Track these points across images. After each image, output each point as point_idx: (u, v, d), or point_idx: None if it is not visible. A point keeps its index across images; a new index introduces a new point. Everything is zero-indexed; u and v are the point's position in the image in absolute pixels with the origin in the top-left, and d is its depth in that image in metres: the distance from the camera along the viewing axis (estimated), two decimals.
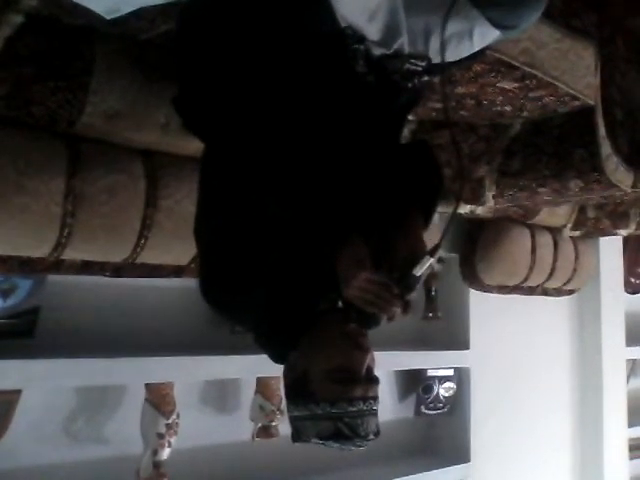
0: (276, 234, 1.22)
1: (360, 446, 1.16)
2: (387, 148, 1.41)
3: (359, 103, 1.34)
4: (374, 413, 1.17)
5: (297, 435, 1.20)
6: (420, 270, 1.20)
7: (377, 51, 1.30)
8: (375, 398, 1.18)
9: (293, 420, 1.20)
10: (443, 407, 3.25)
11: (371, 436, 1.16)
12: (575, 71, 1.89)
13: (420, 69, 1.35)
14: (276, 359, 1.26)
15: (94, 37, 1.60)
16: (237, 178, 1.23)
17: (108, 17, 1.41)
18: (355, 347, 1.18)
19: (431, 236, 1.36)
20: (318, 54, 1.24)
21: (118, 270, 1.89)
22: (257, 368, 2.34)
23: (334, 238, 1.19)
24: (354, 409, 1.14)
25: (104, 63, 1.59)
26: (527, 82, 1.89)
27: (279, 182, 1.21)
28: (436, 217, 1.45)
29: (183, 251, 1.88)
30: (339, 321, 1.21)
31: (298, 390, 1.19)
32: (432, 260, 1.21)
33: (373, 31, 1.27)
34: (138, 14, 1.45)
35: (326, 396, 1.15)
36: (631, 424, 4.10)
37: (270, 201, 1.21)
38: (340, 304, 1.24)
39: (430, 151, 1.51)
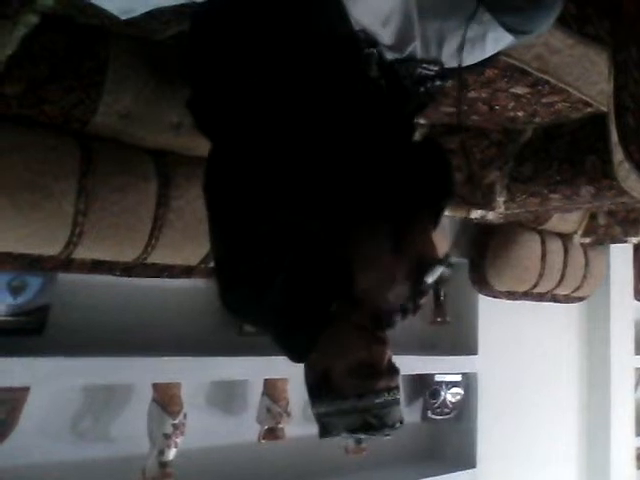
0: (288, 236, 1.22)
1: (387, 435, 1.19)
2: (397, 149, 1.41)
3: (370, 107, 1.34)
4: (398, 402, 1.20)
5: (325, 431, 1.21)
6: (432, 278, 1.22)
7: (390, 55, 1.30)
8: (398, 387, 1.21)
9: (320, 417, 1.21)
10: (450, 412, 3.24)
11: (397, 424, 1.19)
12: (588, 77, 1.88)
13: (432, 74, 1.35)
14: (295, 359, 1.27)
15: (108, 37, 1.60)
16: (248, 180, 1.23)
17: (123, 17, 1.42)
18: (374, 341, 1.19)
19: (437, 238, 1.36)
20: (331, 58, 1.24)
21: (128, 270, 1.89)
22: (265, 370, 2.34)
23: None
24: (380, 400, 1.16)
25: (118, 63, 1.60)
26: (540, 88, 1.88)
27: (289, 187, 1.21)
28: (444, 220, 1.44)
29: (193, 251, 1.89)
30: (354, 318, 1.22)
31: (322, 388, 1.20)
32: (443, 269, 1.22)
33: (386, 35, 1.27)
34: (152, 15, 1.45)
35: (352, 391, 1.16)
36: (639, 433, 4.08)
37: (280, 206, 1.21)
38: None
39: (439, 149, 1.50)
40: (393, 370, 1.21)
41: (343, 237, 1.25)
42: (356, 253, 1.21)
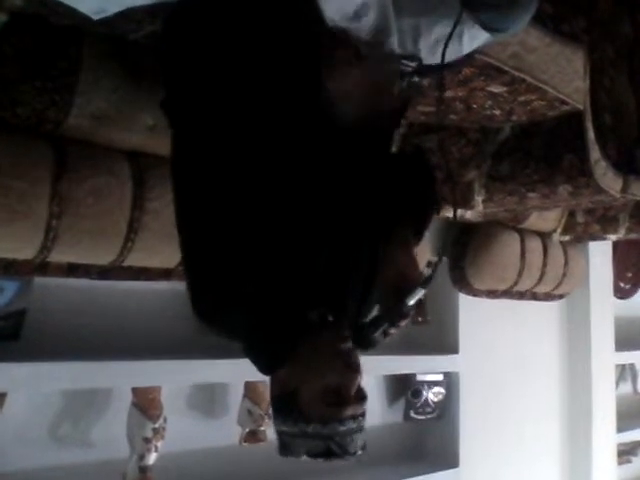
0: (260, 246, 1.20)
1: (347, 460, 1.17)
2: (378, 156, 1.40)
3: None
4: (362, 429, 1.18)
5: (285, 450, 1.20)
6: (413, 300, 1.23)
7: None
8: (363, 414, 1.19)
9: (281, 434, 1.20)
10: (432, 412, 3.24)
11: (359, 452, 1.18)
12: (564, 75, 1.89)
13: (410, 70, 1.35)
14: (265, 371, 1.25)
15: (81, 37, 1.58)
16: (221, 183, 1.21)
17: (95, 17, 1.40)
18: (347, 368, 1.17)
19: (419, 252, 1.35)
20: (305, 56, 1.23)
21: (105, 273, 1.87)
22: (245, 372, 2.28)
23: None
24: (344, 428, 1.14)
25: (91, 64, 1.58)
26: (516, 86, 1.89)
27: (263, 192, 1.20)
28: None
29: (170, 254, 1.86)
30: (332, 339, 1.19)
31: (287, 406, 1.18)
32: (424, 291, 1.23)
33: (363, 30, 1.27)
34: (125, 15, 1.43)
35: (317, 417, 1.14)
36: (620, 429, 4.11)
37: (253, 214, 1.20)
38: (331, 318, 1.23)
39: (425, 162, 1.50)
40: (361, 397, 1.18)
41: (319, 249, 1.25)
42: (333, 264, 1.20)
